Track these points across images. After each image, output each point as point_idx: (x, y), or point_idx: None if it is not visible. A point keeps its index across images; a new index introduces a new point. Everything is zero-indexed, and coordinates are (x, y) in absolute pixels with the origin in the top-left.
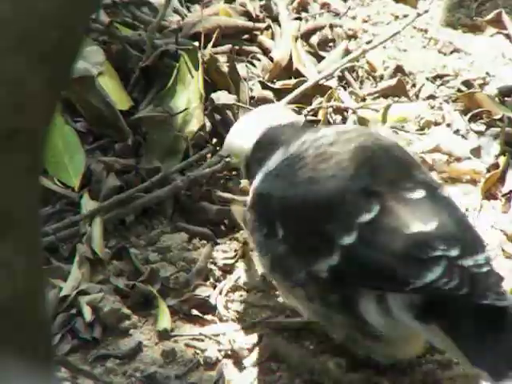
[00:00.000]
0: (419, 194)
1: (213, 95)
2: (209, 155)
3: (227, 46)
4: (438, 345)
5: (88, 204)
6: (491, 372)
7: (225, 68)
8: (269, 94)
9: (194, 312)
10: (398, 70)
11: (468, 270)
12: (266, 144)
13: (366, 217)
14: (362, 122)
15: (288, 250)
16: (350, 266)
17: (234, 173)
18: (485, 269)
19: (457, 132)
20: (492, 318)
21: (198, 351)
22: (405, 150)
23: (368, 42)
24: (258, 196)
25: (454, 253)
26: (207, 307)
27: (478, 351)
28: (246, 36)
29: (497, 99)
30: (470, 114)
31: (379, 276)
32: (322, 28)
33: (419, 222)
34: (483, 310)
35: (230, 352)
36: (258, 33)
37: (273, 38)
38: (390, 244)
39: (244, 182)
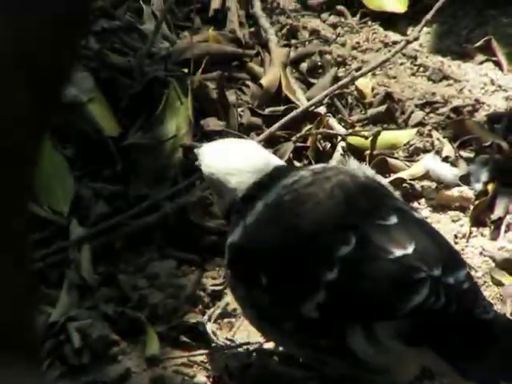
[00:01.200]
0: (392, 220)
1: (202, 121)
2: (197, 182)
3: (217, 73)
4: (430, 365)
5: (77, 230)
6: (483, 382)
7: (214, 94)
8: (258, 120)
9: (183, 338)
10: (388, 96)
11: (452, 288)
12: (250, 196)
13: (345, 250)
14: (352, 148)
15: (273, 299)
16: (336, 301)
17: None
18: (466, 285)
19: (446, 159)
20: (479, 331)
21: (186, 377)
22: (377, 182)
23: (357, 69)
24: (237, 251)
25: (437, 272)
26: (196, 333)
27: (468, 364)
28: (235, 63)
29: (486, 126)
30: (459, 141)
31: (367, 306)
32: (311, 55)
33: (397, 247)
34: (470, 324)
35: (218, 378)
36: (247, 59)
37: (262, 64)
38: (373, 272)
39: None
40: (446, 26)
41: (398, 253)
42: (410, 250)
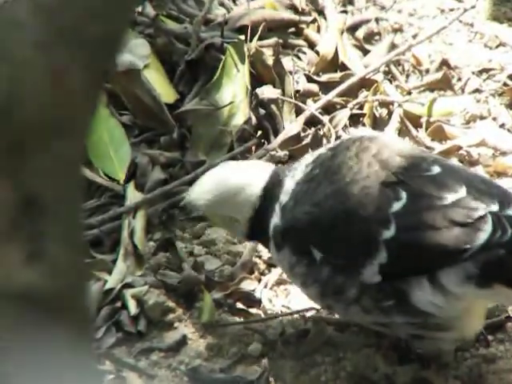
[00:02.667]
0: (435, 169)
1: (257, 90)
2: (253, 148)
3: (273, 40)
4: (506, 303)
5: (133, 196)
6: None
7: (270, 61)
8: (314, 87)
9: (239, 305)
10: (444, 63)
11: None
12: (271, 189)
13: (398, 205)
14: (408, 115)
15: (332, 270)
16: (400, 257)
17: (279, 165)
18: None
19: (502, 126)
20: None
21: (242, 344)
22: (404, 142)
23: (414, 36)
24: (283, 232)
25: (495, 207)
26: (252, 300)
27: None
28: (291, 29)
29: None
30: None
31: (432, 255)
32: (367, 21)
33: (449, 192)
34: None
35: (275, 345)
36: (303, 26)
37: (319, 31)
38: (431, 221)
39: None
40: None
41: (453, 197)
42: (463, 192)
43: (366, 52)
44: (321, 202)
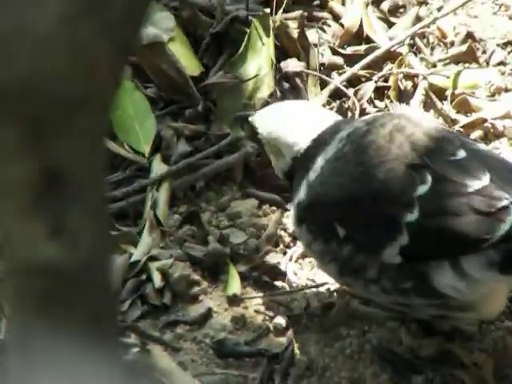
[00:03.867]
0: (461, 154)
1: (281, 63)
2: None
3: (298, 12)
4: None
5: (159, 168)
6: None
7: (295, 34)
8: (339, 59)
9: (264, 278)
10: (469, 36)
11: None
12: (310, 153)
13: (423, 189)
14: (433, 88)
15: (353, 248)
16: (421, 241)
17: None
18: None
19: None
20: None
21: (267, 317)
22: (435, 122)
23: (439, 9)
24: (307, 208)
25: None
26: (277, 273)
27: None
28: (316, 2)
29: None
30: None
31: (454, 242)
32: None
33: (473, 179)
34: None
35: (300, 318)
36: None
37: (343, 3)
38: (455, 208)
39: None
40: None
41: (476, 185)
42: (486, 180)
43: (390, 24)
44: (347, 182)
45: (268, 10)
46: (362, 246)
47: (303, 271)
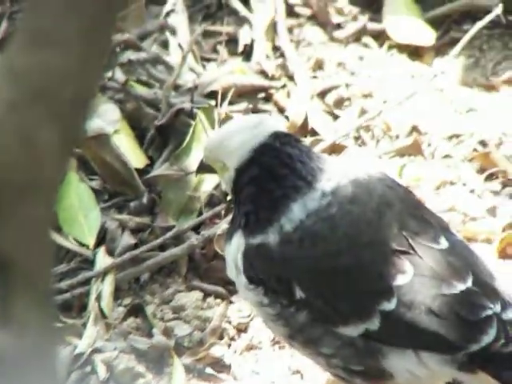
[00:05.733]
0: (443, 243)
1: None
2: (223, 213)
3: (243, 105)
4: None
5: (103, 261)
6: None
7: None
8: None
9: (209, 370)
10: (414, 129)
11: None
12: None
13: (404, 279)
14: None
15: (311, 316)
16: (393, 331)
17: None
18: None
19: (472, 191)
20: None
21: None
22: (409, 190)
23: (384, 102)
24: (271, 257)
25: (498, 308)
26: (222, 366)
27: None
28: (261, 94)
29: None
30: (485, 174)
31: (426, 340)
32: (337, 87)
33: (457, 279)
34: None
35: None
36: (273, 91)
37: (289, 96)
38: (435, 307)
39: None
40: (472, 58)
41: (460, 286)
42: (469, 282)
43: (335, 117)
44: (333, 250)
45: (213, 103)
46: (323, 318)
47: (247, 364)
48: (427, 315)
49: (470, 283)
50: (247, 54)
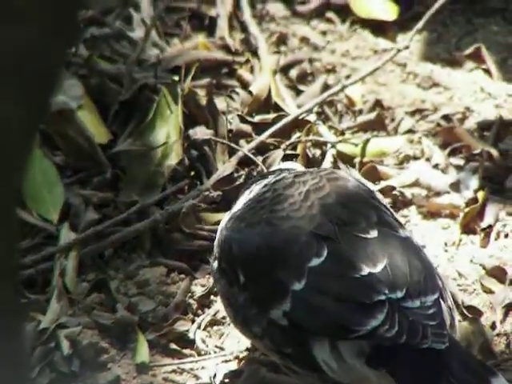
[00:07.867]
0: (372, 233)
1: (190, 131)
2: (186, 188)
3: (206, 80)
4: None
5: (67, 236)
6: None
7: (204, 102)
8: (247, 127)
9: (173, 346)
10: (377, 104)
11: (408, 315)
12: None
13: (316, 261)
14: (341, 156)
15: (247, 298)
16: (300, 313)
17: (213, 205)
18: (431, 311)
19: (436, 166)
20: (434, 358)
21: None
22: (365, 190)
23: (347, 77)
24: (223, 242)
25: (399, 295)
26: (185, 341)
27: None
28: (225, 70)
29: (476, 134)
30: (449, 149)
31: (327, 323)
32: (300, 62)
33: (367, 264)
34: (426, 351)
35: None
36: (237, 67)
37: (252, 71)
38: (336, 289)
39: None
40: (435, 33)
41: (365, 271)
42: (378, 268)
43: (299, 92)
44: (255, 226)
45: (177, 78)
46: (255, 299)
47: (212, 339)
48: (327, 297)
49: (377, 269)
50: (210, 29)
